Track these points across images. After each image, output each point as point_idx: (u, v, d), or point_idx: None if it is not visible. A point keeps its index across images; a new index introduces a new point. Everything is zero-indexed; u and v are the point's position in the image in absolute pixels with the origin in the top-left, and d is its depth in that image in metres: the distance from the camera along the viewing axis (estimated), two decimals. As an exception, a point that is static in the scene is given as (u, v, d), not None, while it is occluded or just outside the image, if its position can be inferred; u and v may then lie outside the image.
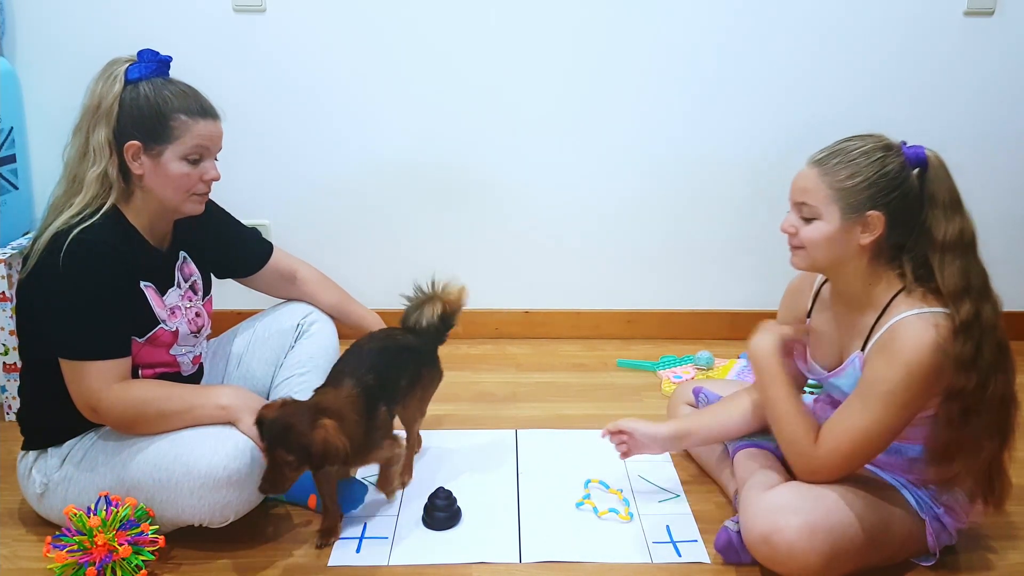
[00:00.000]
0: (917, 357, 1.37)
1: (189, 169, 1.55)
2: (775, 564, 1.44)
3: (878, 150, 1.43)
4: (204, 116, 1.55)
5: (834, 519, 1.42)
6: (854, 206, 1.42)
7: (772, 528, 1.42)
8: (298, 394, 1.85)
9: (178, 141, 1.52)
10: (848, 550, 1.42)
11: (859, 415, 1.43)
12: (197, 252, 1.73)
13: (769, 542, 1.42)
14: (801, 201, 1.46)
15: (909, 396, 1.39)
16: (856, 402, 1.44)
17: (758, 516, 1.45)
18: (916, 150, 1.44)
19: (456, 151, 2.43)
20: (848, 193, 1.42)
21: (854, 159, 1.42)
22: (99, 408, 1.50)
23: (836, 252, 1.46)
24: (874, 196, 1.41)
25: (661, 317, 2.60)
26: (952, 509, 1.52)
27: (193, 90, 1.56)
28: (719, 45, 2.36)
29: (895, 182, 1.41)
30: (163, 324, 1.61)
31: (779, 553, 1.41)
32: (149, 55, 1.54)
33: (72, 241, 1.46)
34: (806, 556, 1.39)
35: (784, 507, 1.44)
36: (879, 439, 1.44)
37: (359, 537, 1.63)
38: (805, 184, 1.46)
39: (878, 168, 1.41)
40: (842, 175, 1.42)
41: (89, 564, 1.44)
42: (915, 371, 1.37)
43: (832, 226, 1.43)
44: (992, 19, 2.34)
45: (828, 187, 1.43)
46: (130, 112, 1.50)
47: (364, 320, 1.99)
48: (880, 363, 1.41)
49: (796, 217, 1.48)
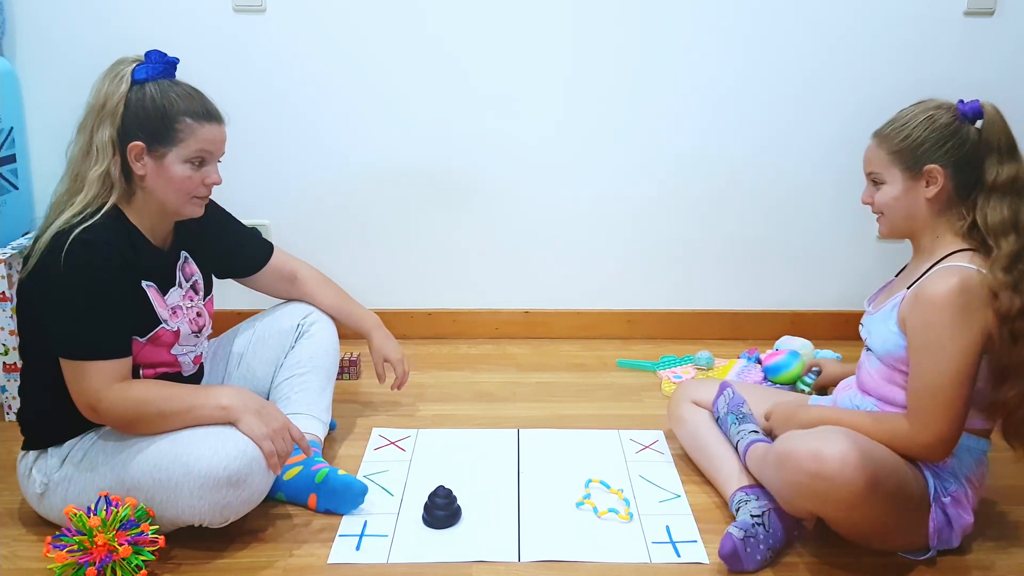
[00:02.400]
0: (947, 296, 1.44)
1: (191, 172, 1.55)
2: (821, 480, 1.43)
3: (928, 110, 1.53)
4: (209, 120, 1.55)
5: (877, 452, 1.46)
6: (912, 163, 1.52)
7: (823, 446, 1.43)
8: (298, 394, 1.87)
9: (182, 144, 1.53)
10: (887, 485, 1.44)
11: (925, 368, 1.47)
12: (198, 252, 1.74)
13: (820, 457, 1.42)
14: (869, 171, 1.59)
15: (956, 330, 1.44)
16: (917, 358, 1.49)
17: (807, 439, 1.48)
18: (971, 104, 1.52)
19: (457, 151, 2.43)
20: (903, 153, 1.53)
21: (906, 122, 1.54)
22: (99, 408, 1.50)
23: (908, 211, 1.55)
24: (929, 151, 1.51)
25: (661, 317, 2.60)
26: (958, 501, 1.52)
27: (199, 93, 1.57)
28: (720, 46, 2.36)
29: (946, 134, 1.51)
30: (164, 324, 1.61)
31: (828, 468, 1.41)
32: (156, 56, 1.54)
33: (73, 241, 1.46)
34: (855, 473, 1.40)
35: (832, 436, 1.46)
36: (955, 383, 1.45)
37: (359, 535, 1.63)
38: (869, 155, 1.59)
39: (928, 125, 1.52)
40: (896, 138, 1.53)
41: (89, 564, 1.44)
42: (951, 307, 1.44)
43: (897, 186, 1.54)
44: (992, 19, 2.34)
45: (887, 152, 1.54)
46: (135, 113, 1.51)
47: (363, 321, 2.00)
48: (921, 310, 1.48)
49: (870, 187, 1.60)
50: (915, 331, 1.49)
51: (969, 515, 1.55)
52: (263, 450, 1.52)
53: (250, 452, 1.50)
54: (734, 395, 1.80)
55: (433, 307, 2.58)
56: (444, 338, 2.58)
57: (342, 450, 1.95)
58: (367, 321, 2.00)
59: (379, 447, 1.95)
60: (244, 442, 1.50)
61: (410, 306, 2.56)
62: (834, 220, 2.49)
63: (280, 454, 1.55)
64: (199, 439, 1.50)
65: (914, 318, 1.49)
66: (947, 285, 1.45)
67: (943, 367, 1.45)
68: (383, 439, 1.99)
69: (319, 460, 1.74)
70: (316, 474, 1.68)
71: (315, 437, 1.80)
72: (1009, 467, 1.79)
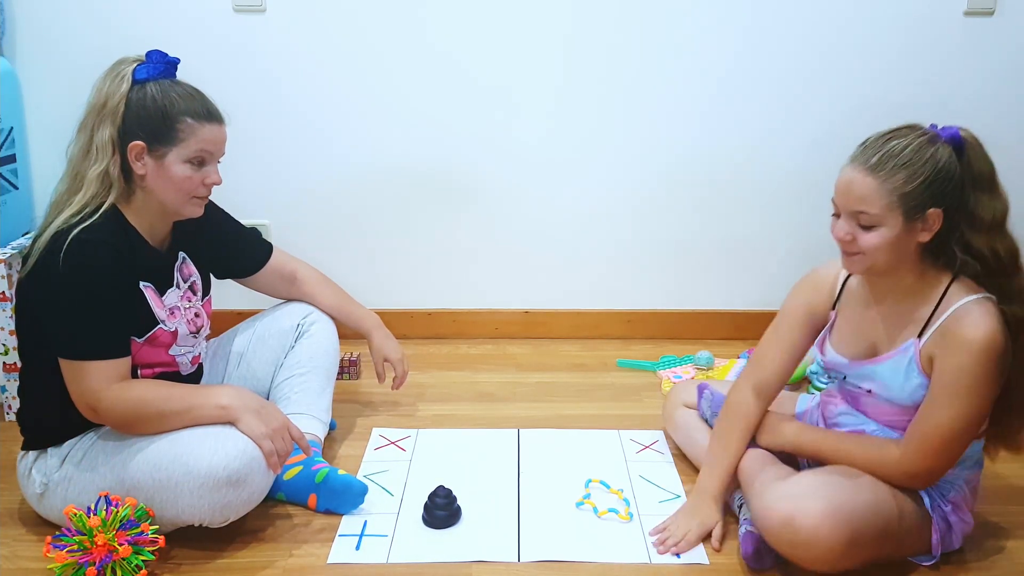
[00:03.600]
0: (990, 343, 1.37)
1: (191, 172, 1.55)
2: (796, 548, 1.41)
3: (925, 145, 1.39)
4: (210, 120, 1.55)
5: (854, 504, 1.41)
6: (916, 208, 1.39)
7: (795, 511, 1.39)
8: (298, 394, 1.86)
9: (182, 144, 1.53)
10: (867, 536, 1.41)
11: (948, 409, 1.41)
12: (196, 253, 1.73)
13: (791, 526, 1.39)
14: (859, 210, 1.40)
15: (990, 380, 1.40)
16: (940, 398, 1.42)
17: (779, 501, 1.43)
18: (952, 132, 1.41)
19: (457, 151, 2.43)
20: (909, 197, 1.38)
21: (909, 160, 1.38)
22: (99, 408, 1.50)
23: (897, 255, 1.43)
24: (933, 194, 1.38)
25: (661, 317, 2.60)
26: (958, 506, 1.52)
27: (200, 93, 1.57)
28: (721, 47, 2.36)
29: (949, 174, 1.39)
30: (162, 324, 1.61)
31: (801, 537, 1.38)
32: (157, 56, 1.54)
33: (72, 241, 1.46)
34: (829, 539, 1.37)
35: (804, 493, 1.43)
36: (969, 428, 1.43)
37: (359, 534, 1.63)
38: (861, 192, 1.39)
39: (933, 165, 1.38)
40: (900, 179, 1.37)
41: (89, 564, 1.44)
42: (991, 355, 1.38)
43: (895, 232, 1.40)
44: (992, 19, 2.34)
45: (889, 194, 1.38)
46: (136, 112, 1.51)
47: (363, 321, 2.00)
48: (956, 354, 1.39)
49: (852, 225, 1.42)
50: (944, 373, 1.41)
51: (970, 517, 1.55)
52: (263, 450, 1.52)
53: (250, 452, 1.50)
54: (714, 395, 1.79)
55: (433, 307, 2.58)
56: (444, 338, 2.58)
57: (342, 450, 1.95)
58: (367, 321, 2.00)
59: (379, 447, 1.95)
60: (244, 442, 1.50)
61: (410, 306, 2.56)
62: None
63: (280, 454, 1.55)
64: (199, 439, 1.50)
65: (946, 361, 1.41)
66: (985, 331, 1.37)
67: (964, 412, 1.41)
68: (383, 439, 1.99)
69: (319, 460, 1.74)
70: (316, 474, 1.68)
71: (315, 437, 1.80)
72: (1008, 467, 1.79)
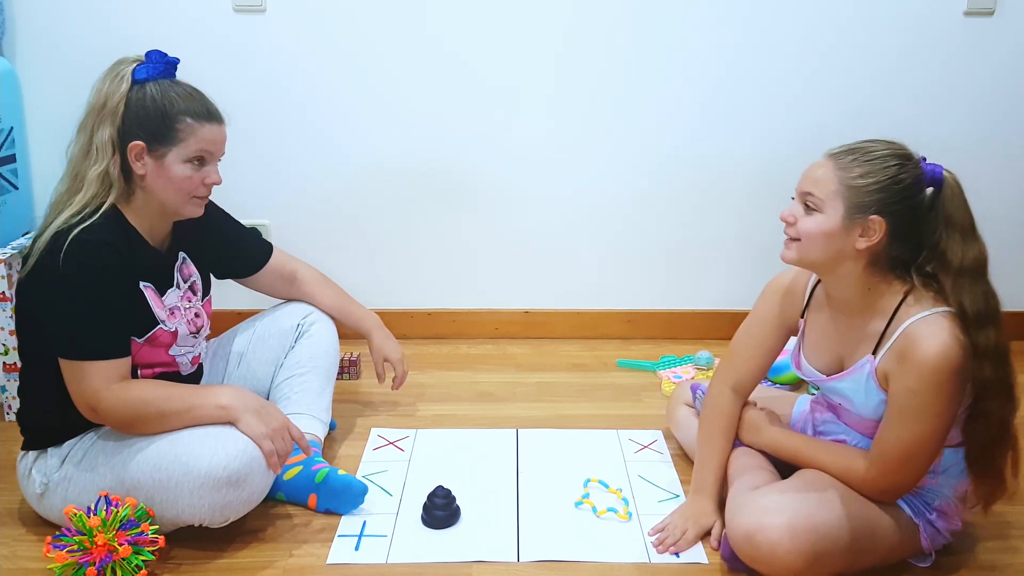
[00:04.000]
0: (942, 362, 1.35)
1: (191, 172, 1.55)
2: (758, 563, 1.44)
3: (896, 157, 1.41)
4: (209, 120, 1.55)
5: (817, 520, 1.42)
6: (859, 207, 1.40)
7: (756, 527, 1.42)
8: (298, 394, 1.86)
9: (182, 144, 1.53)
10: (831, 552, 1.42)
11: (902, 429, 1.41)
12: (196, 253, 1.73)
13: (752, 541, 1.42)
14: (808, 191, 1.44)
15: (945, 398, 1.38)
16: (896, 417, 1.42)
17: (742, 516, 1.46)
18: (934, 168, 1.41)
19: (456, 151, 2.43)
20: (856, 192, 1.40)
21: (870, 160, 1.40)
22: (99, 408, 1.50)
23: (831, 251, 1.43)
24: (881, 201, 1.39)
25: (661, 317, 2.60)
26: (944, 513, 1.52)
27: (199, 93, 1.57)
28: (723, 47, 2.36)
29: (905, 193, 1.40)
30: (162, 324, 1.61)
31: (761, 552, 1.41)
32: (157, 56, 1.54)
33: (72, 241, 1.46)
34: (788, 556, 1.39)
35: (768, 507, 1.44)
36: (929, 446, 1.42)
37: (358, 535, 1.63)
38: (816, 174, 1.43)
39: (892, 175, 1.39)
40: (854, 172, 1.40)
41: (89, 564, 1.44)
42: (944, 375, 1.36)
43: (832, 222, 1.41)
44: (992, 19, 2.34)
45: (838, 182, 1.40)
46: (136, 112, 1.51)
47: (363, 321, 1.99)
48: (907, 375, 1.39)
49: (799, 207, 1.46)
50: (897, 394, 1.41)
51: (958, 523, 1.55)
52: (263, 449, 1.52)
53: (250, 452, 1.50)
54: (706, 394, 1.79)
55: (433, 307, 2.58)
56: (444, 338, 2.58)
57: (342, 450, 1.95)
58: (367, 321, 2.00)
59: (378, 447, 1.95)
60: (244, 442, 1.51)
61: (410, 306, 2.56)
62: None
63: (280, 453, 1.55)
64: (199, 439, 1.50)
65: (899, 382, 1.41)
66: (936, 350, 1.35)
67: (920, 431, 1.40)
68: (381, 439, 1.99)
69: (319, 460, 1.74)
70: (316, 474, 1.68)
71: (315, 437, 1.80)
72: (1009, 467, 1.79)
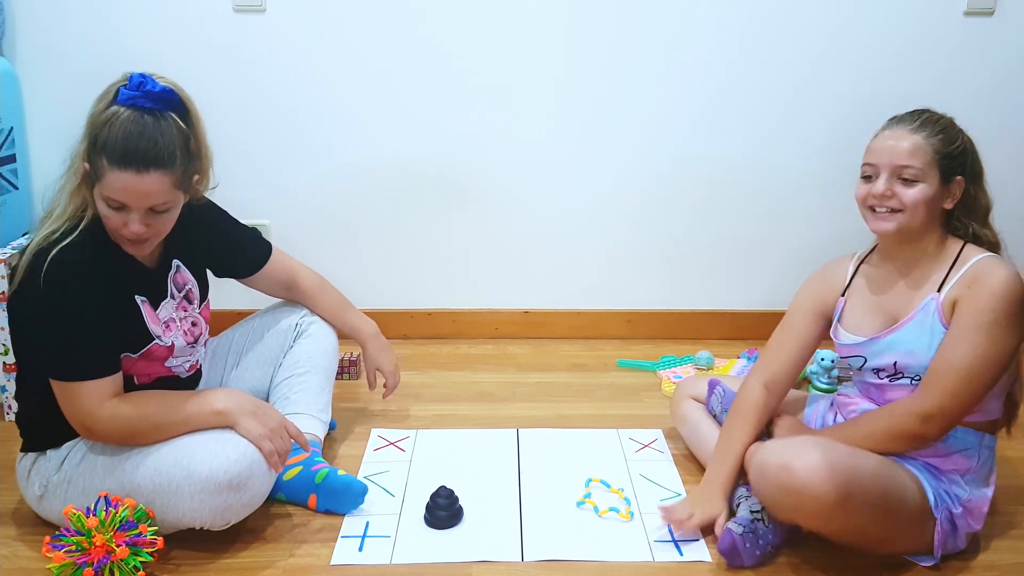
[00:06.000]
0: (1011, 287, 1.45)
1: (109, 213, 1.46)
2: (790, 493, 1.42)
3: (953, 122, 1.55)
4: (125, 168, 1.41)
5: (852, 463, 1.44)
6: (949, 171, 1.52)
7: (793, 457, 1.42)
8: (297, 394, 1.86)
9: (101, 182, 1.44)
10: (863, 497, 1.42)
11: (965, 347, 1.46)
12: (191, 256, 1.70)
13: (789, 468, 1.41)
14: (904, 164, 1.51)
15: (1011, 324, 1.45)
16: (959, 336, 1.47)
17: (779, 448, 1.48)
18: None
19: (458, 152, 2.43)
20: (947, 159, 1.51)
21: (947, 127, 1.53)
22: (95, 428, 1.50)
23: (927, 216, 1.53)
24: (963, 163, 1.53)
25: (661, 317, 2.60)
26: (971, 512, 1.52)
27: (144, 136, 1.42)
28: (722, 48, 2.36)
29: (974, 153, 1.56)
30: (158, 340, 1.59)
31: (797, 480, 1.40)
32: (136, 82, 1.43)
33: (51, 262, 1.43)
34: (824, 486, 1.39)
35: (807, 443, 1.47)
36: (986, 373, 1.46)
37: (361, 536, 1.62)
38: (910, 148, 1.51)
39: (964, 139, 1.54)
40: (941, 141, 1.51)
41: (87, 565, 1.43)
42: (1013, 299, 1.45)
43: (932, 190, 1.51)
44: (992, 19, 2.34)
45: (933, 151, 1.51)
46: (93, 134, 1.44)
47: (359, 330, 1.97)
48: (978, 295, 1.46)
49: (892, 182, 1.52)
50: (964, 314, 1.47)
51: (979, 524, 1.55)
52: (263, 450, 1.51)
53: (250, 455, 1.50)
54: (725, 392, 1.80)
55: (433, 307, 2.58)
56: (444, 338, 2.58)
57: (342, 450, 1.94)
58: (364, 331, 1.97)
59: (378, 448, 1.95)
60: (244, 445, 1.50)
61: (410, 306, 2.56)
62: (835, 219, 2.48)
63: (280, 453, 1.54)
64: (199, 443, 1.49)
65: (968, 303, 1.47)
66: (1007, 276, 1.46)
67: (981, 352, 1.45)
68: (382, 440, 1.98)
69: (319, 460, 1.74)
70: (316, 474, 1.68)
71: (315, 437, 1.80)
72: (1012, 467, 1.79)
